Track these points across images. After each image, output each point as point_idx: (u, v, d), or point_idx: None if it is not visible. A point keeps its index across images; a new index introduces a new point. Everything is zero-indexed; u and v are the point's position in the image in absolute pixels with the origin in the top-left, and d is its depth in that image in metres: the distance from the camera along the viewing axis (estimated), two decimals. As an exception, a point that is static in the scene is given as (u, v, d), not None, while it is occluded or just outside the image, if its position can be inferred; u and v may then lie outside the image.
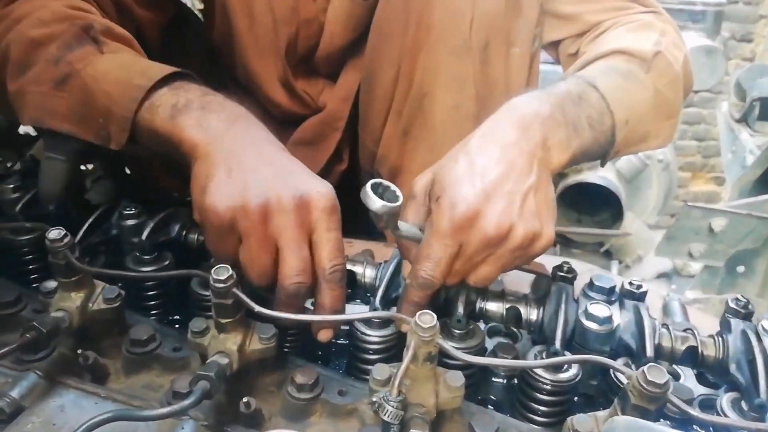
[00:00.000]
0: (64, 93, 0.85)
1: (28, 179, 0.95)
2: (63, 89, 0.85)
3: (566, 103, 0.84)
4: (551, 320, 0.76)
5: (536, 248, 0.75)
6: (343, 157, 1.41)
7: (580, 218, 2.20)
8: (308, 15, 1.23)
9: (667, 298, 0.97)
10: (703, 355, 0.74)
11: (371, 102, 1.23)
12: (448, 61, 1.10)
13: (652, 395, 0.57)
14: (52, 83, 0.85)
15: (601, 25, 1.16)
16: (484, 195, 0.72)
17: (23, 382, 0.67)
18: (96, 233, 0.88)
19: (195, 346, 0.68)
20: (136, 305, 0.86)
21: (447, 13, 1.07)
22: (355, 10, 1.23)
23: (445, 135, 1.16)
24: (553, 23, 1.22)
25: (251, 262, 0.73)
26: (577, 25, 1.19)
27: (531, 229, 0.73)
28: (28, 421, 0.64)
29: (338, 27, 1.24)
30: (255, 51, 1.27)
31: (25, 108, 0.87)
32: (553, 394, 0.72)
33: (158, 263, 0.87)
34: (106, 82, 0.84)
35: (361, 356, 0.78)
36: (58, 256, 0.69)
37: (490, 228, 0.71)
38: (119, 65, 0.87)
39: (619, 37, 1.09)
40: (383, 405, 0.59)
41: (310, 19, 1.24)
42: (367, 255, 0.97)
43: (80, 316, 0.72)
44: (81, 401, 0.67)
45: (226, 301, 0.64)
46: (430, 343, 0.60)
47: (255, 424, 0.66)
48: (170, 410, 0.58)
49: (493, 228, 0.71)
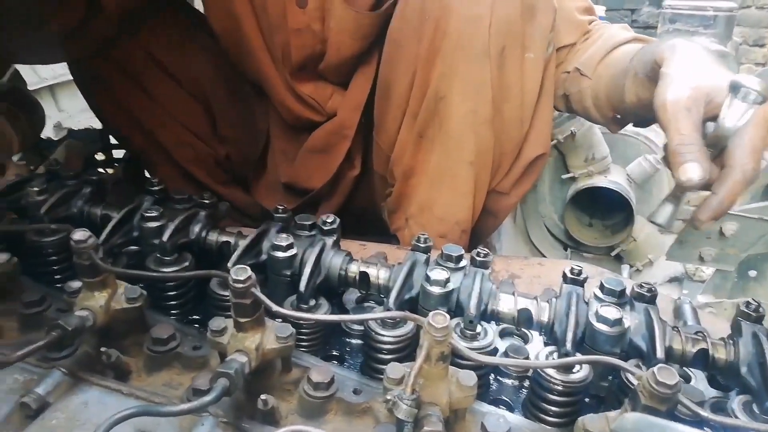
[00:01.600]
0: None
1: (53, 182, 0.98)
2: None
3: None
4: (562, 322, 0.78)
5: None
6: (355, 163, 1.43)
7: (592, 222, 2.20)
8: (298, 25, 1.25)
9: (678, 301, 0.98)
10: (714, 358, 0.75)
11: (387, 108, 1.24)
12: (465, 67, 1.11)
13: (662, 396, 0.58)
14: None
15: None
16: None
17: (48, 379, 0.69)
18: (118, 234, 0.90)
19: (214, 344, 0.69)
20: (157, 305, 0.89)
21: (465, 20, 1.08)
22: (362, 21, 1.25)
23: (461, 138, 1.17)
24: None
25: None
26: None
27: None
28: (53, 417, 0.66)
29: (345, 37, 1.26)
30: (264, 55, 1.29)
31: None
32: (564, 395, 0.73)
33: (179, 264, 0.89)
34: None
35: (375, 356, 0.80)
36: (83, 256, 0.71)
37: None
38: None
39: (620, 30, 1.24)
40: (397, 403, 0.60)
41: (301, 28, 1.26)
42: (381, 257, 0.99)
43: (103, 315, 0.74)
44: (104, 398, 0.69)
45: (245, 300, 0.66)
46: (443, 343, 0.61)
47: (272, 421, 0.68)
48: (191, 406, 0.60)
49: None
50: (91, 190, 1.01)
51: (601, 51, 1.22)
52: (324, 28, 1.26)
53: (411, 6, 1.13)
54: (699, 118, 0.83)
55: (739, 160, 0.80)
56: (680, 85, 0.85)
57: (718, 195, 0.82)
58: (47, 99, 3.60)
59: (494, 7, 1.08)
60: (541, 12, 1.13)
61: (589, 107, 1.26)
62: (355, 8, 1.23)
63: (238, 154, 1.51)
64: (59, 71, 3.56)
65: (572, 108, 1.32)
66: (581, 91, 1.26)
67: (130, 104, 1.32)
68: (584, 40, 1.28)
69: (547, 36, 1.17)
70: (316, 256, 0.86)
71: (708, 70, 0.88)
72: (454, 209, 1.24)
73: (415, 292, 0.83)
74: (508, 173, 1.28)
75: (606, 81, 1.19)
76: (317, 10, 1.24)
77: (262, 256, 0.90)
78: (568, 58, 1.28)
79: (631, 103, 1.08)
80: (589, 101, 1.25)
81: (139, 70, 1.30)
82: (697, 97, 0.83)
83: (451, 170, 1.21)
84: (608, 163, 2.06)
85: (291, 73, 1.32)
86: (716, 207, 0.83)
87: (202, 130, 1.43)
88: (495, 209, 1.34)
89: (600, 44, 1.23)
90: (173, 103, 1.36)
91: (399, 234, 1.32)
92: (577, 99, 1.28)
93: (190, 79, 1.38)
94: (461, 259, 0.85)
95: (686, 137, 0.80)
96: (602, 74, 1.21)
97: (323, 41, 1.28)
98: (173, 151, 1.40)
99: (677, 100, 0.84)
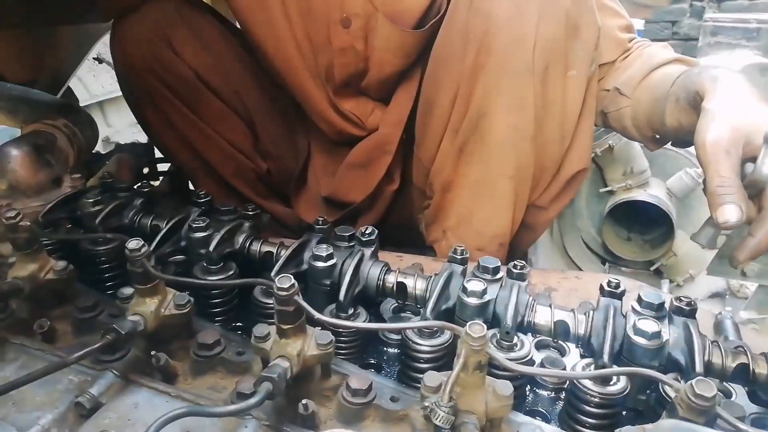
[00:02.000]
0: None
1: (106, 194, 1.02)
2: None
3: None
4: (599, 334, 0.78)
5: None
6: (394, 177, 1.45)
7: (630, 236, 2.17)
8: (342, 44, 1.29)
9: (720, 316, 0.96)
10: (755, 373, 0.74)
11: (428, 124, 1.26)
12: (509, 84, 1.12)
13: (700, 408, 0.58)
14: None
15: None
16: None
17: (101, 381, 0.73)
18: (167, 244, 0.94)
19: (258, 350, 0.72)
20: (202, 312, 0.92)
21: (510, 38, 1.10)
22: (406, 39, 1.28)
23: (501, 152, 1.18)
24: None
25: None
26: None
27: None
28: (106, 417, 0.69)
29: (389, 55, 1.30)
30: (306, 74, 1.33)
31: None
32: (601, 407, 0.73)
33: (224, 273, 0.93)
34: None
35: (412, 365, 0.81)
36: (136, 264, 0.75)
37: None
38: None
39: (661, 49, 1.25)
40: (435, 410, 0.61)
41: (345, 48, 1.30)
42: (417, 268, 1.01)
43: (154, 320, 0.77)
44: (153, 399, 0.72)
45: (288, 308, 0.68)
46: (481, 352, 0.62)
47: (311, 425, 0.70)
48: (237, 408, 0.62)
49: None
50: (141, 202, 1.06)
51: (641, 71, 1.21)
52: (367, 47, 1.30)
53: (456, 25, 1.15)
54: (738, 159, 0.84)
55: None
56: (720, 125, 0.86)
57: (755, 237, 0.84)
58: (96, 114, 3.75)
59: (539, 25, 1.08)
60: (585, 30, 1.14)
61: (628, 126, 1.26)
62: (400, 27, 1.26)
63: (279, 169, 1.55)
64: (108, 88, 3.71)
65: (610, 125, 1.32)
66: (620, 110, 1.25)
67: (178, 122, 1.38)
68: (624, 58, 1.28)
69: (591, 53, 1.17)
70: (355, 266, 0.88)
71: (749, 108, 0.89)
72: (493, 223, 1.25)
73: (452, 302, 0.84)
74: (547, 188, 1.28)
75: (646, 103, 1.19)
76: (361, 29, 1.28)
77: (303, 266, 0.92)
78: (608, 76, 1.28)
79: (672, 127, 1.07)
80: (628, 121, 1.25)
81: (187, 89, 1.35)
82: (737, 138, 0.85)
83: (490, 184, 1.22)
84: (647, 177, 2.03)
85: (334, 90, 1.35)
86: (753, 248, 0.85)
87: (245, 145, 1.48)
88: (533, 223, 1.34)
89: (640, 64, 1.23)
90: (218, 120, 1.41)
91: (436, 246, 1.33)
92: (615, 118, 1.28)
93: (232, 94, 1.43)
94: (498, 271, 0.86)
95: (725, 179, 0.82)
96: (642, 96, 1.20)
97: (366, 59, 1.31)
98: (217, 166, 1.45)
99: (717, 141, 0.85)
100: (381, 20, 1.26)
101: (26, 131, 1.30)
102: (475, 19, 1.11)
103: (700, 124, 0.89)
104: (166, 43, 1.32)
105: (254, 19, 1.31)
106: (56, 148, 1.27)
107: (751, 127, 0.85)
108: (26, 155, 1.15)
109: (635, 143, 1.99)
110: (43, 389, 0.72)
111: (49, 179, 1.18)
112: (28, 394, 0.71)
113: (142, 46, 1.31)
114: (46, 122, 1.33)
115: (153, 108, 1.37)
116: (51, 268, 0.87)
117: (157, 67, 1.32)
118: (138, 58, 1.31)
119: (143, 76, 1.32)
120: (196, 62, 1.35)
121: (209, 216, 1.00)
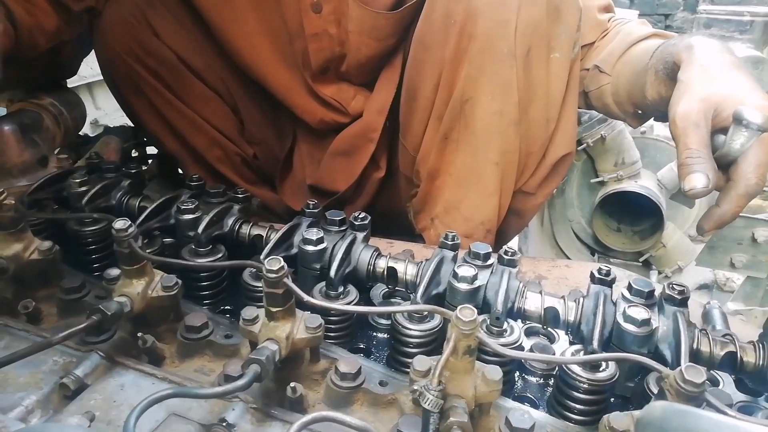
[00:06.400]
0: None
1: (93, 174, 1.01)
2: None
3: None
4: (589, 321, 0.78)
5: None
6: (380, 165, 1.44)
7: (620, 227, 2.17)
8: (315, 29, 1.29)
9: (708, 306, 0.97)
10: (743, 361, 0.75)
11: (412, 110, 1.26)
12: (492, 69, 1.12)
13: (689, 394, 0.58)
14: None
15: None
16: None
17: (87, 362, 0.72)
18: (155, 220, 0.93)
19: (246, 333, 0.71)
20: (190, 295, 0.91)
21: (492, 23, 1.09)
22: (379, 21, 1.27)
23: (487, 139, 1.18)
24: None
25: None
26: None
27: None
28: (91, 398, 0.69)
29: (363, 37, 1.29)
30: (279, 66, 1.32)
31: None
32: (589, 393, 0.73)
33: (212, 255, 0.92)
34: None
35: (401, 349, 0.81)
36: (123, 244, 0.74)
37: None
38: None
39: (639, 25, 1.26)
40: (424, 393, 0.61)
41: (318, 33, 1.29)
42: (408, 255, 1.00)
43: (140, 302, 0.76)
44: (139, 381, 0.72)
45: (277, 290, 0.68)
46: (470, 337, 0.62)
47: (299, 409, 0.69)
48: (224, 389, 0.62)
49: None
50: (129, 183, 1.05)
51: (620, 48, 1.22)
52: (340, 30, 1.29)
53: (437, 9, 1.14)
54: (707, 132, 0.87)
55: (743, 175, 0.84)
56: (690, 98, 0.89)
57: (720, 207, 0.87)
58: (85, 96, 3.69)
59: (520, 9, 1.08)
60: (566, 12, 1.14)
61: (609, 103, 1.27)
62: (372, 8, 1.25)
63: (265, 154, 1.54)
64: (97, 70, 3.65)
65: (591, 104, 1.33)
66: (601, 88, 1.27)
67: (162, 107, 1.35)
68: (602, 37, 1.29)
69: (573, 36, 1.17)
70: (346, 247, 0.88)
71: (722, 77, 0.91)
72: (480, 209, 1.25)
73: (443, 288, 0.84)
74: (534, 173, 1.28)
75: (626, 78, 1.20)
76: (332, 13, 1.27)
77: (292, 250, 0.91)
78: (588, 57, 1.29)
79: (653, 100, 1.09)
80: (609, 98, 1.27)
81: (169, 72, 1.33)
82: (706, 110, 0.87)
83: (476, 170, 1.22)
84: (638, 168, 2.04)
85: (312, 77, 1.34)
86: (718, 218, 0.87)
87: (230, 130, 1.46)
88: (521, 209, 1.34)
89: (619, 41, 1.24)
90: (203, 104, 1.39)
91: (425, 234, 1.33)
92: (596, 96, 1.29)
93: (215, 78, 1.41)
94: (489, 257, 0.85)
95: (693, 151, 0.85)
96: (622, 71, 1.22)
97: (341, 43, 1.31)
98: (204, 152, 1.43)
99: (686, 115, 0.87)
100: (352, 3, 1.25)
101: (12, 110, 1.28)
102: (456, 4, 1.11)
103: (672, 98, 0.92)
104: (145, 24, 1.30)
105: (221, 17, 1.29)
106: (43, 128, 1.25)
107: (719, 98, 0.88)
108: (11, 134, 1.13)
109: (627, 134, 2.00)
110: (27, 370, 0.71)
111: (35, 159, 1.16)
112: (12, 375, 0.70)
113: (122, 27, 1.29)
114: (32, 101, 1.30)
115: (136, 93, 1.35)
116: (36, 248, 0.86)
117: (137, 49, 1.29)
118: (118, 40, 1.29)
119: (124, 59, 1.30)
120: (177, 43, 1.33)
121: (199, 198, 0.99)
